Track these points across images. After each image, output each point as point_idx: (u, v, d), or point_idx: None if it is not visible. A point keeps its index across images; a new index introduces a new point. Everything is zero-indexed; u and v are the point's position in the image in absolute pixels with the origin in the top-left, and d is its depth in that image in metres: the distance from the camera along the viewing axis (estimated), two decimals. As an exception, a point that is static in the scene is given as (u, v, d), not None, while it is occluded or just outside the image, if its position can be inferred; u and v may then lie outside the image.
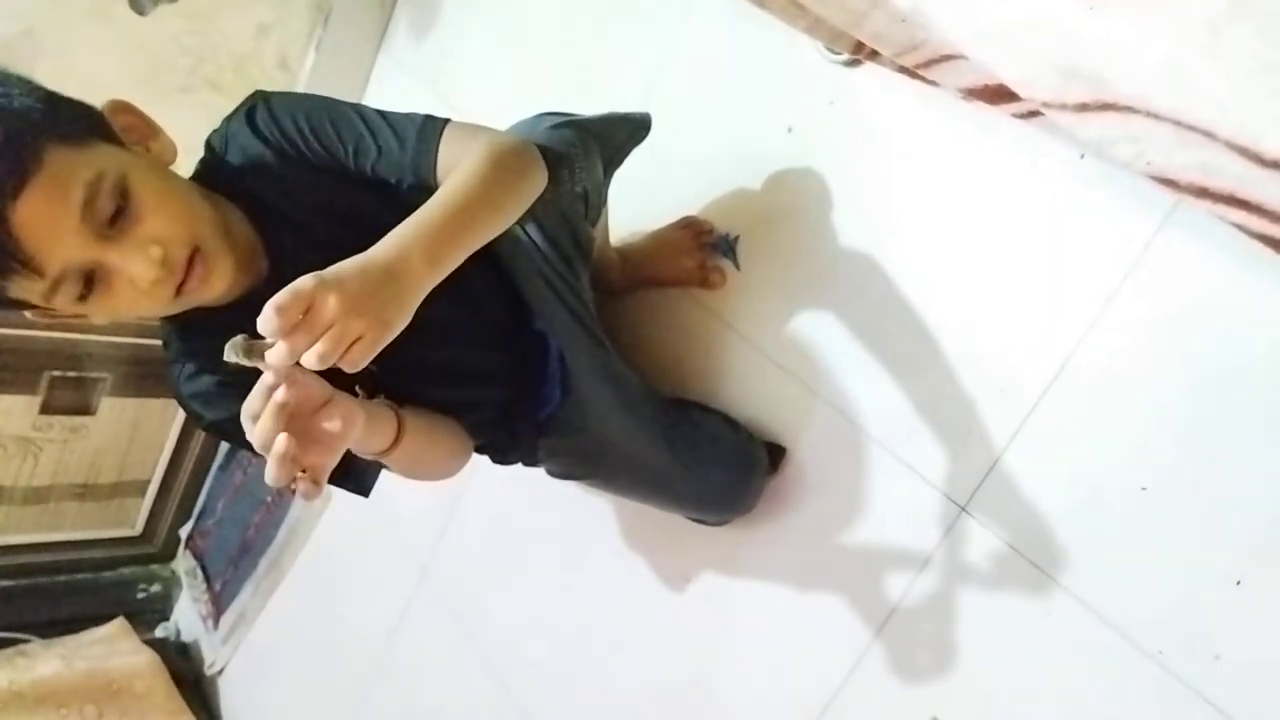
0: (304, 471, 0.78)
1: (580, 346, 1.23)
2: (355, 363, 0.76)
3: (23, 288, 0.84)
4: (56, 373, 2.07)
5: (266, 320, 0.70)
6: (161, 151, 0.97)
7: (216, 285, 0.95)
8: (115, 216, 0.85)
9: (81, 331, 2.05)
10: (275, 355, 0.72)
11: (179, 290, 0.91)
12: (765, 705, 1.37)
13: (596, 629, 1.60)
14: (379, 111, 1.04)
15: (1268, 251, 0.68)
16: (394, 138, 1.01)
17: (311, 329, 0.72)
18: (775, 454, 1.36)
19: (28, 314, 0.91)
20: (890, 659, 1.26)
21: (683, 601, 1.49)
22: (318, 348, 0.73)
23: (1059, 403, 1.15)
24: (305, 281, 0.72)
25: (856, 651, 1.29)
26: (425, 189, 1.01)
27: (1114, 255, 1.11)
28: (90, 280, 0.87)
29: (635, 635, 1.53)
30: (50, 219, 0.81)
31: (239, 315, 0.99)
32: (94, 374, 2.14)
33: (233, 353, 0.75)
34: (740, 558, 1.42)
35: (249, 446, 1.03)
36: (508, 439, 1.30)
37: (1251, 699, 1.02)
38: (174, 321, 1.04)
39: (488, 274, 1.20)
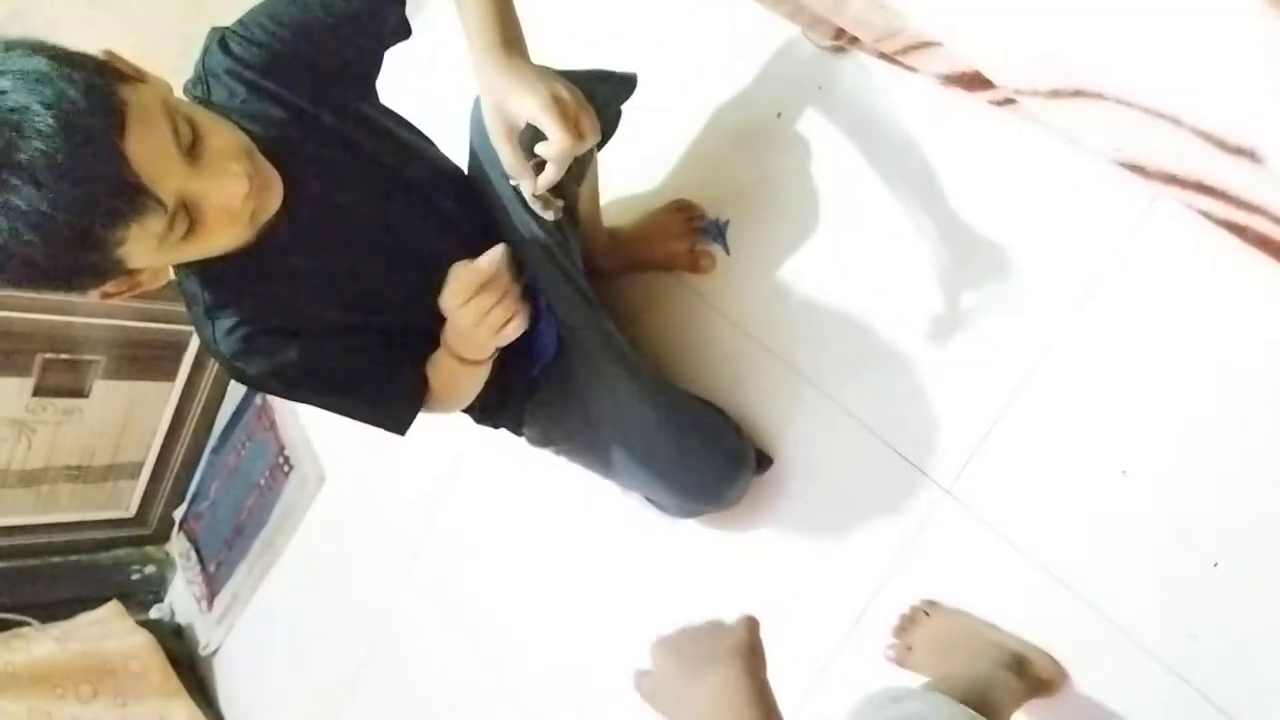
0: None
1: (572, 303, 1.24)
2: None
3: (145, 230, 0.82)
4: (50, 355, 2.07)
5: (563, 141, 0.91)
6: (159, 87, 0.95)
7: (275, 192, 0.95)
8: (191, 143, 0.86)
9: (74, 314, 2.05)
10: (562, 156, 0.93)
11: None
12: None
13: (587, 612, 1.61)
14: None
15: (1233, 239, 0.69)
16: None
17: (567, 119, 0.91)
18: (762, 461, 1.36)
19: (96, 294, 0.90)
20: (874, 641, 1.27)
21: (670, 586, 1.50)
22: (587, 129, 0.93)
23: (1041, 389, 1.17)
24: (559, 90, 0.92)
25: (840, 634, 1.31)
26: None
27: (1097, 243, 1.13)
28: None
29: (625, 620, 1.55)
30: (156, 148, 0.82)
31: (261, 258, 0.99)
32: (87, 356, 2.14)
33: (543, 207, 1.02)
34: (730, 540, 1.43)
35: (294, 395, 1.13)
36: (497, 399, 1.29)
37: (1227, 678, 1.04)
38: (200, 276, 1.02)
39: (478, 227, 1.21)
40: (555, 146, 0.92)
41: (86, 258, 0.81)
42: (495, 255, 1.02)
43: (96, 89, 0.79)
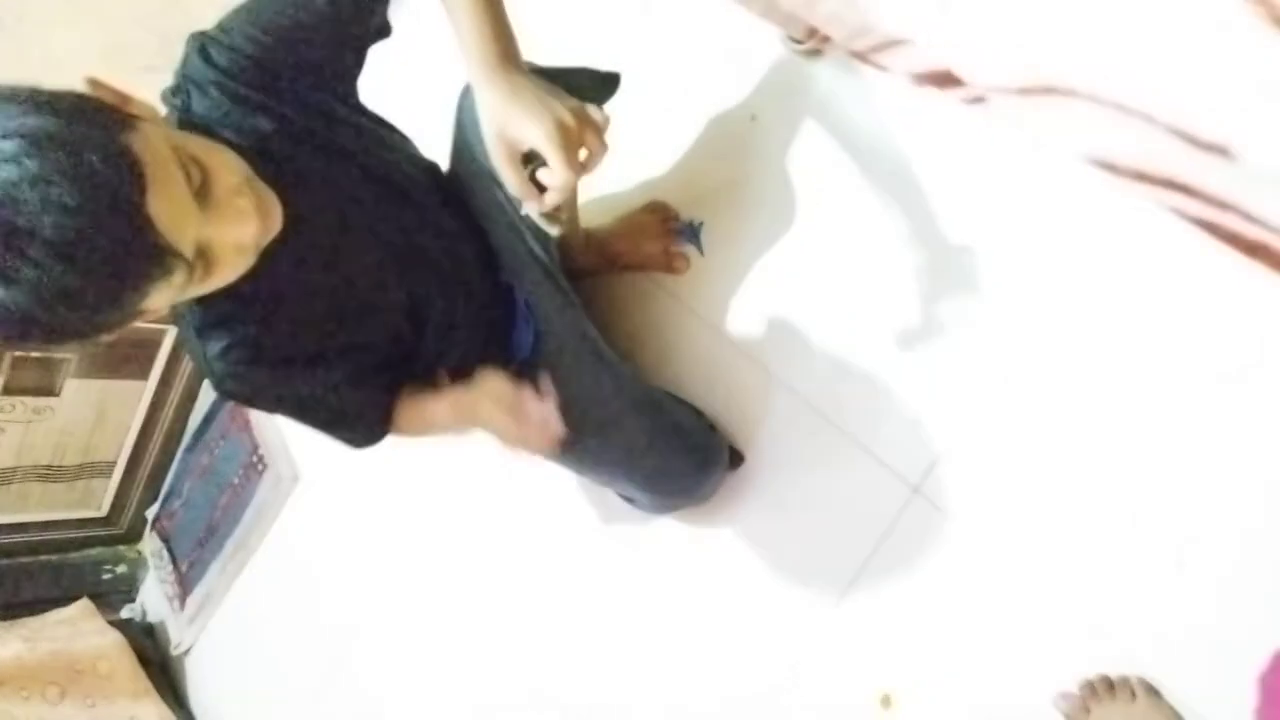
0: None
1: (551, 300, 1.24)
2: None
3: (169, 285, 0.80)
4: (20, 352, 2.05)
5: (565, 174, 0.90)
6: (146, 114, 0.90)
7: (276, 215, 0.92)
8: (201, 184, 0.83)
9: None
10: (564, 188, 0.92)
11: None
12: (726, 684, 1.39)
13: (564, 609, 1.61)
14: None
15: (1204, 236, 0.70)
16: None
17: (571, 148, 0.91)
18: (734, 458, 1.37)
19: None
20: (843, 639, 1.28)
21: (642, 585, 1.50)
22: (595, 147, 0.93)
23: (1012, 388, 1.17)
24: (563, 115, 0.89)
25: (811, 631, 1.31)
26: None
27: (1067, 242, 1.13)
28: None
29: (603, 617, 1.55)
30: (175, 203, 0.79)
31: (253, 276, 0.94)
32: (58, 354, 2.11)
33: (549, 223, 1.00)
34: (701, 539, 1.43)
35: (280, 411, 1.11)
36: None
37: (1196, 680, 1.05)
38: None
39: (461, 222, 1.20)
40: (558, 178, 0.92)
41: (109, 318, 0.79)
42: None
43: (113, 149, 0.75)
